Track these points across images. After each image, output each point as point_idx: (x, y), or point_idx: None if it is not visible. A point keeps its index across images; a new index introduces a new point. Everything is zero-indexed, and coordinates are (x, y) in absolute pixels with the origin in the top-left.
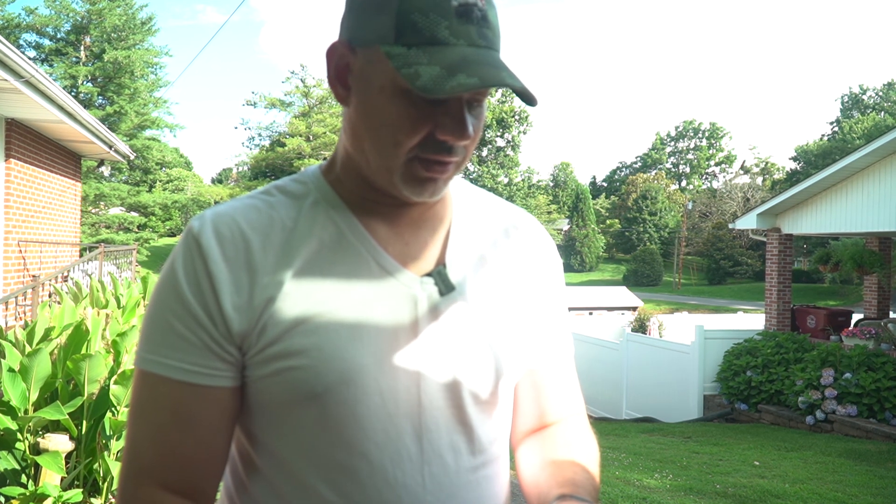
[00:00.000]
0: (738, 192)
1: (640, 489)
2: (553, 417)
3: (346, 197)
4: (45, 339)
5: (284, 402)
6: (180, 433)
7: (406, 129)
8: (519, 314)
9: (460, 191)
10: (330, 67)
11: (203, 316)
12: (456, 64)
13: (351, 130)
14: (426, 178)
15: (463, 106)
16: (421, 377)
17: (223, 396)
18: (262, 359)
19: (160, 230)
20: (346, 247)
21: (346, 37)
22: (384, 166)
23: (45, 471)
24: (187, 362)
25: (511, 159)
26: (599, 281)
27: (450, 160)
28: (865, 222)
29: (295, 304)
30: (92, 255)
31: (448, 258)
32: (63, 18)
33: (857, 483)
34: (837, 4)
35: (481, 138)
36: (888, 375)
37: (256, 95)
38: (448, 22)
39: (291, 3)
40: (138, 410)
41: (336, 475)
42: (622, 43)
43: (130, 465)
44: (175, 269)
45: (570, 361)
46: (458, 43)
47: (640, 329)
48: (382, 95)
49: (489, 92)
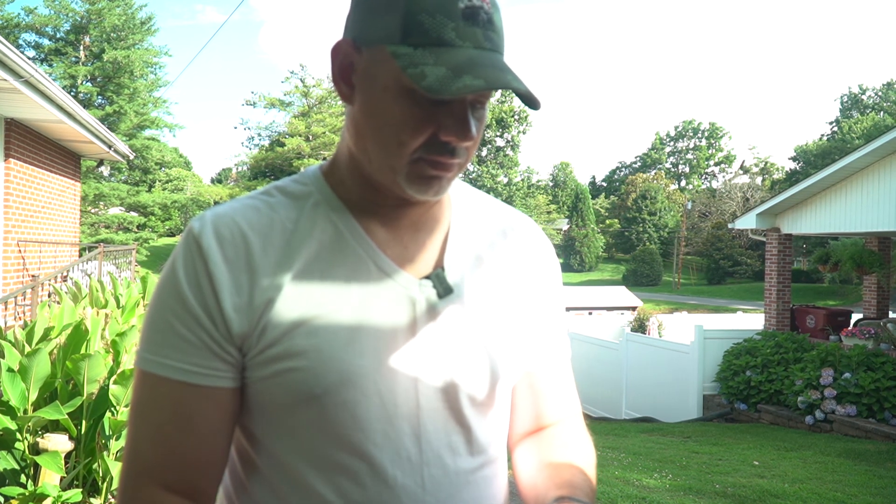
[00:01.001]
0: (738, 192)
1: (639, 489)
2: (549, 419)
3: (347, 198)
4: (45, 338)
5: (284, 404)
6: (180, 433)
7: (410, 130)
8: (516, 317)
9: (459, 193)
10: (334, 66)
11: (203, 316)
12: (462, 65)
13: (354, 129)
14: (431, 177)
15: (467, 107)
16: (419, 379)
17: (223, 397)
18: (261, 360)
19: (159, 230)
20: (345, 249)
21: (352, 36)
22: (388, 165)
23: (45, 471)
24: (188, 363)
25: (510, 159)
26: (599, 281)
27: (453, 161)
28: (865, 222)
29: (294, 306)
30: (91, 254)
31: (446, 261)
32: (62, 18)
33: (857, 483)
34: (837, 4)
35: (481, 138)
36: (887, 375)
37: (256, 95)
38: (455, 24)
39: (291, 3)
40: (139, 410)
41: (335, 476)
42: (622, 43)
43: (131, 465)
44: (175, 270)
45: (566, 364)
46: (465, 45)
47: (639, 329)
48: (387, 95)
49: (491, 93)
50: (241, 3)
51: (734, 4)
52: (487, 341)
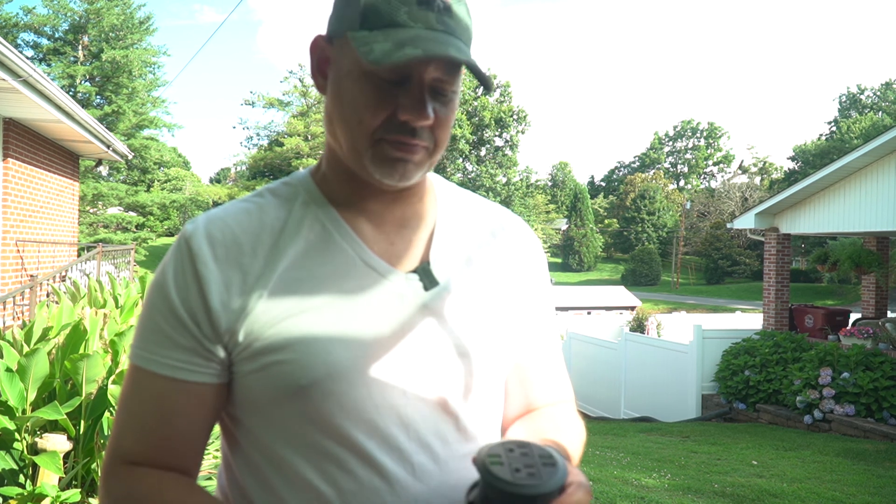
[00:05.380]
0: (736, 192)
1: (638, 489)
2: (540, 403)
3: (332, 196)
4: (43, 338)
5: (272, 396)
6: (162, 425)
7: (370, 110)
8: (503, 310)
9: (446, 192)
10: (313, 61)
11: (188, 319)
12: (406, 40)
13: (327, 118)
14: (395, 159)
15: (424, 89)
16: (405, 370)
17: (205, 392)
18: (249, 354)
19: (158, 230)
20: (332, 245)
21: (327, 32)
22: (353, 148)
23: (43, 471)
24: (173, 359)
25: (509, 159)
26: (597, 280)
27: (414, 142)
28: (863, 222)
29: (283, 302)
30: (90, 254)
31: (432, 256)
32: (61, 18)
33: (855, 482)
34: (836, 4)
35: (480, 138)
36: (886, 375)
37: (254, 95)
38: (408, 8)
39: (288, 3)
40: (125, 400)
41: (326, 466)
42: (620, 42)
43: (114, 451)
44: (165, 273)
45: (557, 354)
46: (415, 26)
47: (638, 329)
48: (349, 79)
49: (455, 80)
50: (240, 2)
51: (733, 4)
52: (473, 333)
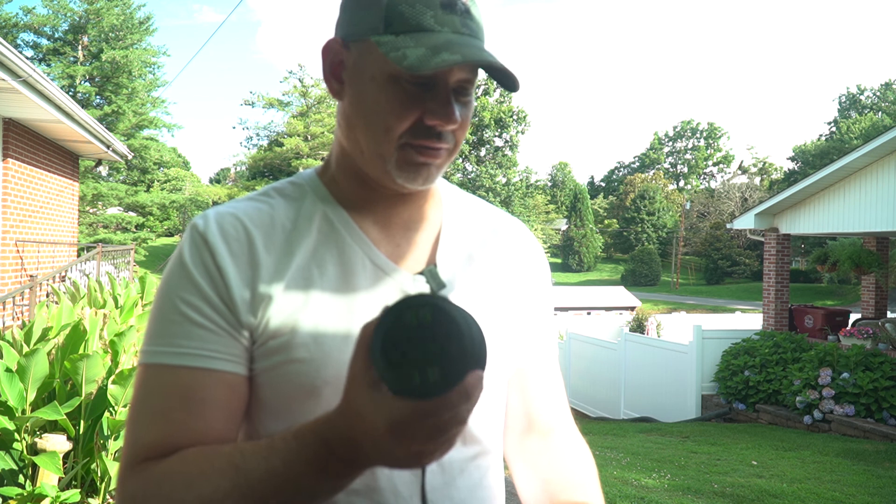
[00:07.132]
0: (736, 192)
1: (638, 489)
2: (541, 422)
3: (341, 197)
4: (43, 339)
5: (285, 395)
6: (191, 417)
7: (396, 115)
8: (506, 313)
9: (451, 195)
10: (325, 64)
11: (217, 300)
12: (440, 45)
13: (345, 123)
14: (420, 164)
15: (450, 91)
16: None
17: (238, 383)
18: (263, 352)
19: (158, 230)
20: (341, 245)
21: (340, 34)
22: (377, 153)
23: (43, 471)
24: (203, 348)
25: (509, 159)
26: (597, 281)
27: (440, 146)
28: (863, 222)
29: (294, 301)
30: (89, 254)
31: (438, 258)
32: (61, 18)
33: (855, 482)
34: (835, 4)
35: (479, 138)
36: (885, 375)
37: (254, 95)
38: (433, 12)
39: (288, 4)
40: (142, 403)
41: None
42: (620, 43)
43: (131, 451)
44: (184, 261)
45: (554, 364)
46: (443, 30)
47: (637, 329)
48: (374, 84)
49: (475, 81)
50: (240, 2)
51: (733, 4)
52: None
